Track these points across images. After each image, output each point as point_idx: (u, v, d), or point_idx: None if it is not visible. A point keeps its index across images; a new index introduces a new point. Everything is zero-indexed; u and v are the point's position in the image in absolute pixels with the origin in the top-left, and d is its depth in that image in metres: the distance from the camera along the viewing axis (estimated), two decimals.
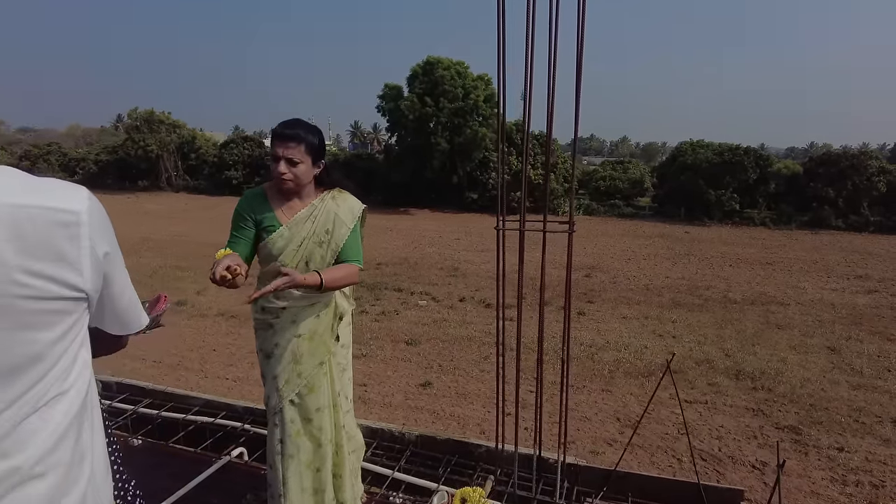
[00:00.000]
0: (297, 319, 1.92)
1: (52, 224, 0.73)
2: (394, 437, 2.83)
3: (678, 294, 10.38)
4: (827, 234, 19.28)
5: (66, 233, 0.74)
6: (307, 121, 1.89)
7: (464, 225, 20.19)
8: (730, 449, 4.83)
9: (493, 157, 23.42)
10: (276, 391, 1.96)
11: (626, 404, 5.65)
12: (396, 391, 5.80)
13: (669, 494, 2.43)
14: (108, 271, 0.84)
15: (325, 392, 2.00)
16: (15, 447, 0.71)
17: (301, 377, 1.95)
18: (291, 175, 1.81)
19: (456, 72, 23.30)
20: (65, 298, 0.75)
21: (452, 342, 7.36)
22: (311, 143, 1.83)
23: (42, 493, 0.74)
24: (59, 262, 0.73)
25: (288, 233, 1.87)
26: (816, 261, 14.38)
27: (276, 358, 1.94)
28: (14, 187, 0.72)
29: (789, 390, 6.01)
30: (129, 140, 31.21)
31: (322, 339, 1.98)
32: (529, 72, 1.95)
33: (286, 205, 1.91)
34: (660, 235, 18.39)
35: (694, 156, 22.38)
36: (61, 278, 0.74)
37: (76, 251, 0.75)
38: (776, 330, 8.26)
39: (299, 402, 1.97)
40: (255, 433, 2.93)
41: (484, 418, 5.22)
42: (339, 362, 2.07)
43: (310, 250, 1.90)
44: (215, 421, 2.99)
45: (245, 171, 29.20)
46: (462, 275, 11.71)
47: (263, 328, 1.97)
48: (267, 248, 1.88)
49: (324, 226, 1.91)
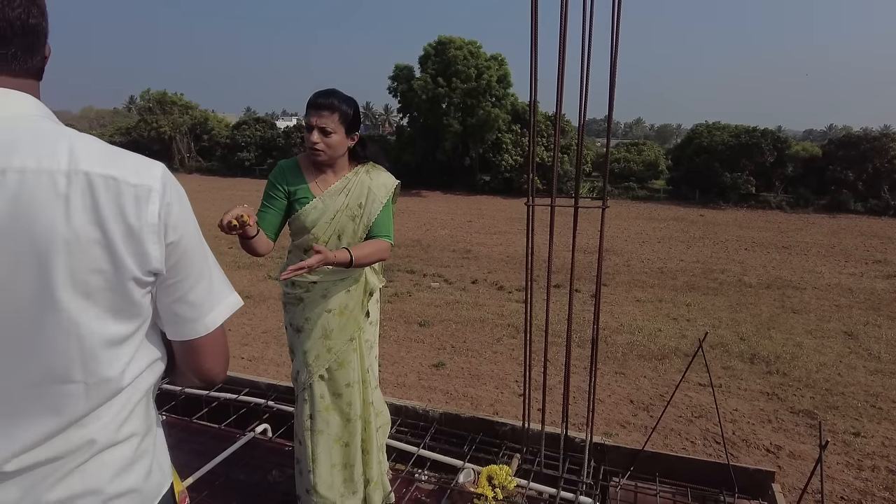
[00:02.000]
0: (327, 294, 1.91)
1: (124, 196, 0.69)
2: (417, 414, 2.83)
3: (693, 277, 10.29)
4: (845, 218, 18.96)
5: (135, 208, 0.70)
6: None
7: (476, 207, 20.12)
8: (744, 432, 4.82)
9: (505, 139, 23.20)
10: (305, 366, 1.95)
11: (640, 387, 5.64)
12: (410, 371, 5.84)
13: (697, 475, 2.40)
14: (179, 258, 0.77)
15: (354, 367, 1.99)
16: (92, 418, 0.72)
17: (331, 352, 1.94)
18: (324, 145, 1.78)
19: (469, 51, 23.02)
20: (133, 278, 0.72)
21: (465, 324, 7.38)
22: (345, 112, 1.79)
23: (117, 463, 0.76)
24: (129, 238, 0.70)
25: (322, 205, 1.85)
26: (834, 245, 14.17)
27: (305, 332, 1.93)
28: (93, 155, 0.69)
29: (805, 375, 5.96)
30: (141, 121, 31.45)
31: (352, 315, 1.96)
32: (561, 54, 1.87)
33: (320, 177, 1.88)
34: (674, 218, 18.20)
35: (710, 138, 22.03)
36: (132, 253, 0.71)
37: (142, 230, 0.71)
38: (792, 314, 8.18)
39: (329, 378, 1.97)
40: (278, 410, 2.93)
41: (497, 399, 5.25)
42: (368, 339, 2.05)
43: (342, 224, 1.87)
44: (238, 397, 2.99)
45: (257, 152, 29.26)
46: (474, 257, 11.70)
47: (293, 302, 1.95)
48: (300, 220, 1.86)
49: (357, 199, 1.88)
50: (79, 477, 0.72)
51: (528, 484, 2.35)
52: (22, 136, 0.66)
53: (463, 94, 22.71)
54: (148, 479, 0.81)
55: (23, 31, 0.71)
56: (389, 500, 2.20)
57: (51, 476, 0.70)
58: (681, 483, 2.40)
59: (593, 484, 2.37)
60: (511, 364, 6.12)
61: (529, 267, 2.30)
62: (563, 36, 1.85)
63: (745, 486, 2.34)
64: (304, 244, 1.89)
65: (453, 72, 22.70)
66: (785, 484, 4.08)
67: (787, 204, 20.62)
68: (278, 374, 5.02)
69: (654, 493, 2.35)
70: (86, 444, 0.72)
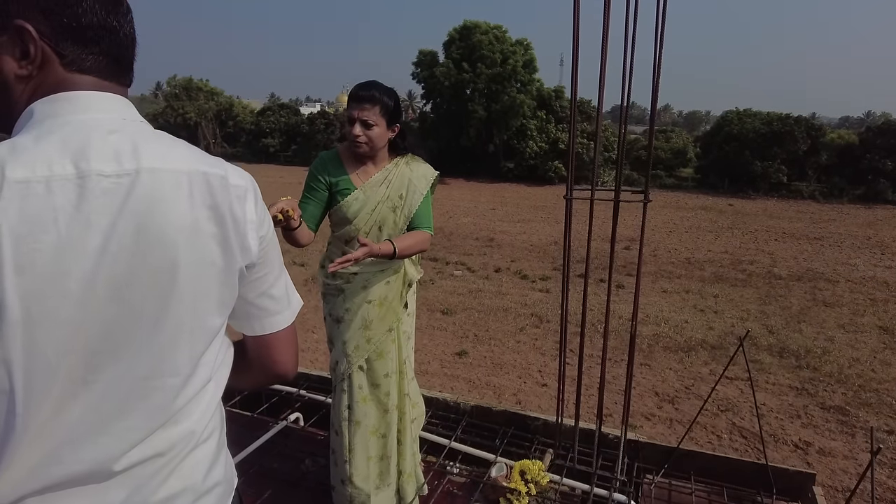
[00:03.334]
0: (367, 285, 1.93)
1: (231, 195, 0.73)
2: (448, 406, 2.84)
3: (720, 268, 10.11)
4: (882, 209, 18.36)
5: (240, 206, 0.74)
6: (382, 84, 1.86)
7: (499, 194, 20.00)
8: (772, 427, 4.74)
9: (530, 126, 22.94)
10: (344, 356, 1.97)
11: (665, 379, 5.59)
12: (433, 359, 5.87)
13: (733, 474, 2.36)
14: (267, 251, 0.81)
15: (392, 358, 2.01)
16: (186, 412, 0.74)
17: (370, 343, 1.96)
18: (366, 137, 1.80)
19: (494, 36, 22.74)
20: (238, 270, 0.76)
21: (488, 312, 7.38)
22: (387, 104, 1.80)
23: (207, 456, 0.78)
24: (237, 232, 0.74)
25: (363, 196, 1.87)
26: (870, 237, 13.75)
27: (346, 323, 1.96)
28: (195, 156, 0.73)
29: (836, 370, 5.83)
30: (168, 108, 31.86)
31: (391, 306, 1.98)
32: (604, 40, 1.83)
33: (361, 168, 1.90)
34: (702, 207, 17.85)
35: (741, 125, 21.45)
36: (239, 247, 0.74)
37: (246, 224, 0.75)
38: (824, 308, 7.99)
39: (368, 368, 1.99)
40: (309, 399, 2.96)
41: (520, 388, 5.26)
42: (405, 330, 2.07)
43: (383, 215, 1.89)
44: (270, 385, 3.03)
45: (281, 138, 29.48)
46: (497, 245, 11.66)
47: (333, 293, 1.97)
48: (341, 212, 1.88)
49: (398, 191, 1.90)
50: (177, 475, 0.74)
51: (561, 479, 2.35)
52: (142, 140, 0.69)
53: (488, 80, 22.48)
54: (227, 470, 0.85)
55: (133, 45, 0.76)
56: (422, 491, 2.23)
57: (156, 475, 0.71)
58: (716, 482, 2.37)
59: (627, 481, 2.36)
60: (534, 354, 6.11)
61: (567, 259, 2.27)
62: (606, 22, 1.80)
63: (784, 487, 2.30)
64: (345, 235, 1.92)
65: (478, 57, 22.46)
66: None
67: (821, 194, 20.03)
68: (304, 359, 5.09)
69: (689, 491, 2.33)
70: (185, 437, 0.74)
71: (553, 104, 23.41)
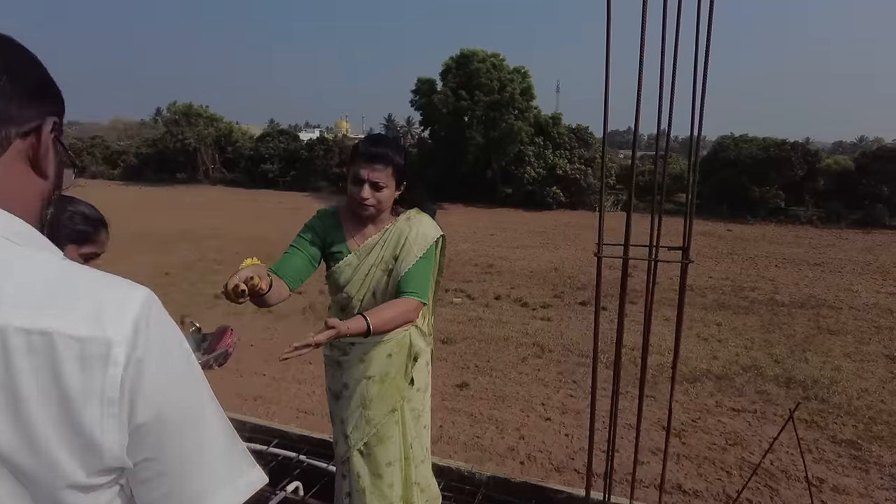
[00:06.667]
0: (365, 358, 1.74)
1: (61, 359, 0.47)
2: (463, 477, 2.61)
3: (722, 295, 10.01)
4: (880, 234, 18.36)
5: (80, 375, 0.47)
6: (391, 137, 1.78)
7: (498, 220, 19.99)
8: (783, 463, 4.59)
9: (528, 152, 23.07)
10: (343, 437, 1.80)
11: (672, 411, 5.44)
12: (434, 392, 5.65)
13: None
14: (158, 443, 0.53)
15: (396, 443, 1.80)
16: None
17: (370, 424, 1.76)
18: (375, 200, 1.63)
19: (491, 64, 23.02)
20: (70, 486, 0.49)
21: (489, 342, 7.25)
22: (399, 165, 1.65)
23: None
24: (63, 423, 0.47)
25: (356, 261, 1.71)
26: (870, 262, 13.69)
27: (344, 399, 1.78)
28: (22, 294, 0.48)
29: (845, 401, 5.69)
30: (167, 133, 32.03)
31: (394, 383, 1.77)
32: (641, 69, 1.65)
33: (359, 230, 1.73)
34: (701, 233, 17.82)
35: (737, 151, 21.61)
36: (68, 447, 0.48)
37: (90, 405, 0.48)
38: (828, 335, 7.87)
39: (368, 454, 1.79)
40: (310, 465, 2.72)
41: (523, 423, 5.10)
42: (415, 408, 1.86)
43: (377, 279, 1.72)
44: (268, 449, 2.79)
45: (280, 164, 29.59)
46: (497, 272, 11.57)
47: (332, 365, 1.82)
48: (333, 277, 1.74)
49: (392, 251, 1.72)
50: None
51: None
52: None
53: (485, 107, 22.68)
54: None
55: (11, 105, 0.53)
56: None
57: None
58: None
59: None
60: (537, 385, 5.97)
61: (596, 325, 1.95)
62: (642, 51, 1.61)
63: None
64: (340, 302, 1.77)
65: (476, 84, 22.70)
66: None
67: (819, 219, 20.07)
68: (304, 421, 4.88)
69: None
70: None
71: (550, 131, 23.59)
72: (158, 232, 15.21)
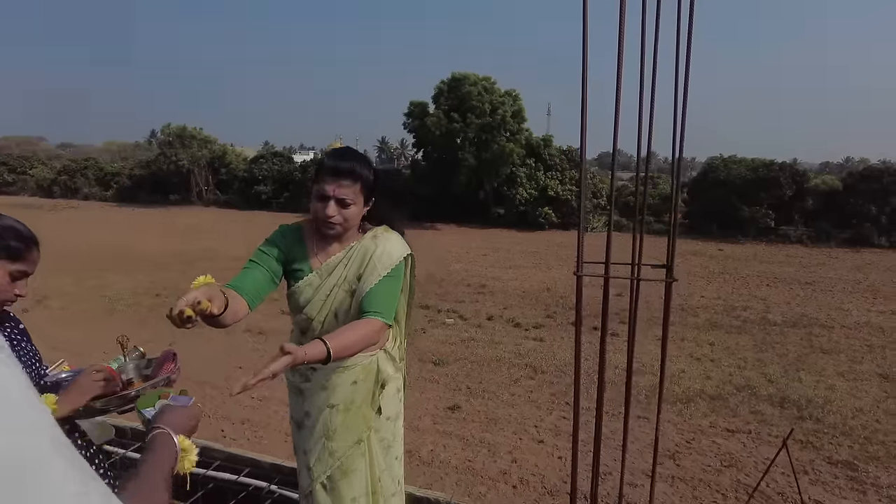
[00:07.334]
0: (328, 385, 1.63)
1: None
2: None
3: (714, 314, 10.01)
4: (869, 253, 18.52)
5: None
6: (358, 150, 1.63)
7: (490, 240, 20.02)
8: (779, 485, 4.53)
9: (520, 173, 23.25)
10: (306, 469, 1.69)
11: (664, 432, 5.38)
12: (424, 414, 5.64)
13: None
14: None
15: (361, 476, 1.68)
16: None
17: (333, 456, 1.65)
18: (341, 218, 1.53)
19: (483, 87, 23.32)
20: None
21: (481, 363, 7.18)
22: (367, 180, 1.55)
23: None
24: None
25: (317, 281, 1.60)
26: (860, 281, 13.77)
27: (307, 429, 1.68)
28: None
29: (840, 421, 5.65)
30: (161, 155, 32.05)
31: (360, 412, 1.66)
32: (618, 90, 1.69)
33: (323, 248, 1.63)
34: (692, 253, 17.91)
35: (727, 171, 21.87)
36: None
37: None
38: (821, 354, 7.86)
39: (332, 488, 1.67)
40: (281, 496, 2.61)
41: (515, 446, 5.02)
42: (384, 438, 1.74)
43: (339, 300, 1.62)
44: (238, 479, 2.67)
45: (274, 186, 29.62)
46: (490, 292, 11.53)
47: (294, 392, 1.71)
48: (293, 297, 1.64)
49: (356, 270, 1.60)
50: None
51: None
52: None
53: (477, 129, 22.91)
54: None
55: None
56: None
57: None
58: None
59: None
60: (529, 407, 5.90)
61: (577, 351, 1.89)
62: (619, 74, 1.66)
63: None
64: (300, 324, 1.67)
65: (468, 107, 22.96)
66: None
67: (808, 238, 20.25)
68: (275, 447, 4.76)
69: None
70: None
71: (542, 152, 23.82)
72: (150, 253, 15.10)
